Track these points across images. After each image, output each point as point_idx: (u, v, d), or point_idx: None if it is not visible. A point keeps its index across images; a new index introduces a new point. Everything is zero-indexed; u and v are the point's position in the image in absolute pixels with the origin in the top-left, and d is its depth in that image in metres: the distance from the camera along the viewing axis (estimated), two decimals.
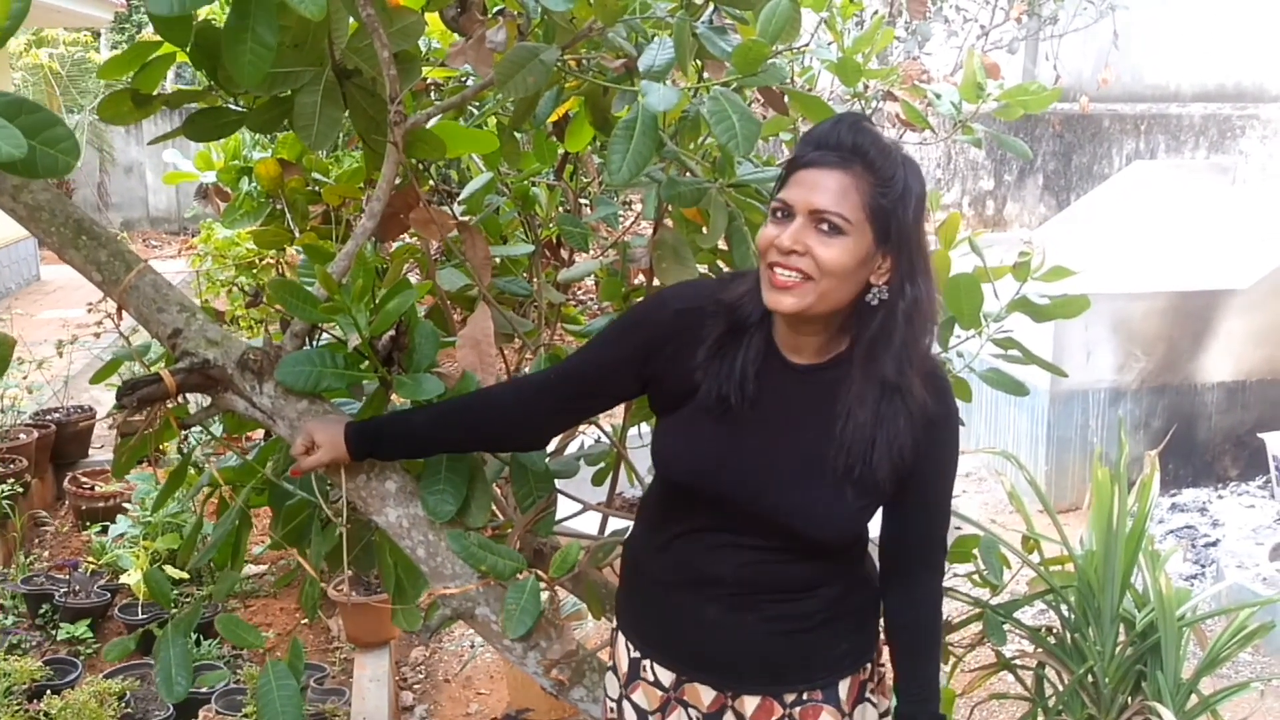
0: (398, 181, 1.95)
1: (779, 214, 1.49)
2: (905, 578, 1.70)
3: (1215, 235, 6.08)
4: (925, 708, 1.69)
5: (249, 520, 2.12)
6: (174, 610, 2.04)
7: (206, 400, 1.96)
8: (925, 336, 1.55)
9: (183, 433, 2.00)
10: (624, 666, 1.77)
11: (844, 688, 1.69)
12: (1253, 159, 6.87)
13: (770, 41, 1.74)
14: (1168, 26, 7.99)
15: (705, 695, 1.68)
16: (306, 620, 4.04)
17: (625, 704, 1.76)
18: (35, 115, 1.19)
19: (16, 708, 3.13)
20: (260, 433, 2.32)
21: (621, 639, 1.78)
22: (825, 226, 1.45)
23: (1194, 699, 2.47)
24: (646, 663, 1.72)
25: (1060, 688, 2.56)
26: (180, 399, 1.91)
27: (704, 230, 2.11)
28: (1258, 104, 7.06)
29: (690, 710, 1.70)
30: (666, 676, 1.71)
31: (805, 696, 1.66)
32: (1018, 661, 2.62)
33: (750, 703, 1.66)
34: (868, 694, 1.73)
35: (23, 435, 5.03)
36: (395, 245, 2.51)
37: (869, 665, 1.73)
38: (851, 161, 1.46)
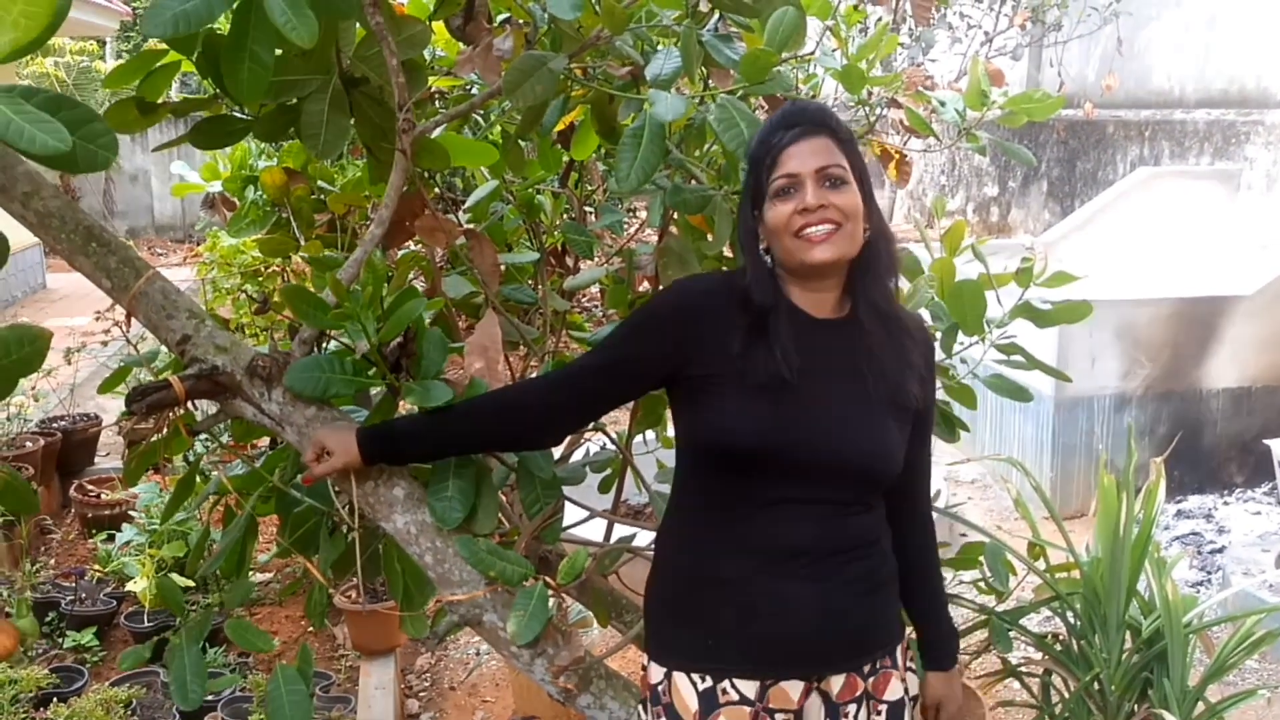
0: (404, 189, 1.95)
1: (784, 191, 1.64)
2: (908, 517, 1.82)
3: (1220, 241, 6.08)
4: (949, 627, 1.90)
5: (256, 528, 2.13)
6: (183, 618, 2.04)
7: (214, 407, 1.96)
8: (895, 265, 1.74)
9: (191, 440, 2.00)
10: (694, 706, 1.70)
11: (898, 653, 1.78)
12: (1258, 165, 6.87)
13: (777, 50, 1.75)
14: (1172, 32, 7.99)
15: (793, 691, 1.69)
16: (312, 628, 4.04)
17: None
18: (75, 111, 1.20)
19: (24, 715, 3.14)
20: (266, 441, 2.33)
21: (681, 681, 1.71)
22: (829, 182, 1.63)
23: (1201, 706, 2.47)
24: (724, 684, 1.69)
25: (1066, 695, 2.56)
26: (189, 406, 1.91)
27: (709, 237, 2.11)
28: (1262, 110, 7.06)
29: (778, 716, 1.69)
30: (750, 688, 1.68)
31: (879, 665, 1.74)
32: (1024, 669, 2.63)
33: (836, 682, 1.71)
34: (909, 661, 1.83)
35: (29, 443, 5.04)
36: (400, 253, 2.52)
37: (907, 633, 1.84)
38: (821, 129, 1.66)
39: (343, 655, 3.89)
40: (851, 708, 1.71)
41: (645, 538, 2.52)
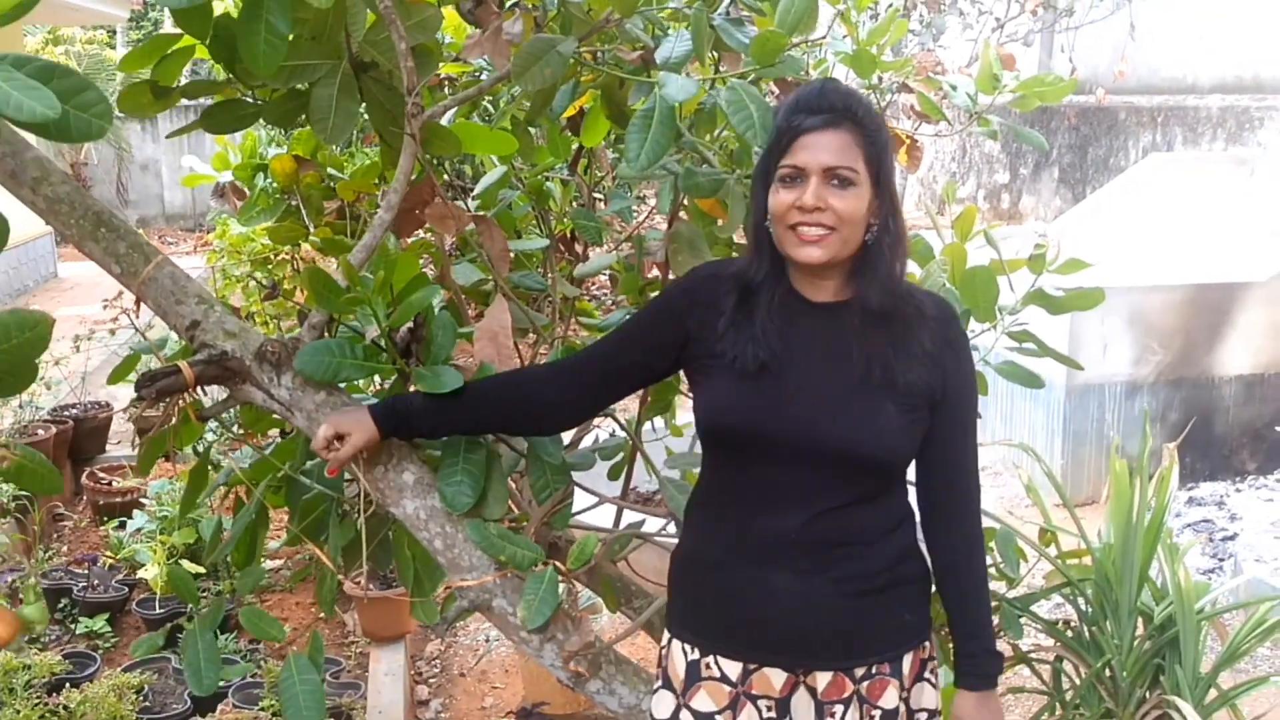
0: (413, 176, 1.95)
1: (789, 179, 1.60)
2: (944, 519, 1.75)
3: (1233, 228, 6.04)
4: (982, 645, 1.74)
5: (266, 516, 2.13)
6: (195, 606, 2.04)
7: (224, 393, 1.96)
8: (902, 264, 1.69)
9: (201, 426, 2.00)
10: (680, 674, 1.73)
11: (907, 662, 1.72)
12: (1271, 151, 6.82)
13: (789, 32, 1.74)
14: (1185, 18, 7.94)
15: (776, 679, 1.68)
16: (322, 615, 4.05)
17: (684, 713, 1.72)
18: (67, 79, 1.18)
19: (36, 701, 3.15)
20: (276, 432, 2.33)
21: (676, 648, 1.75)
22: (837, 181, 1.59)
23: (1213, 693, 2.46)
24: (710, 659, 1.70)
25: (1078, 681, 2.55)
26: (198, 392, 1.91)
27: (719, 223, 2.10)
28: (1276, 95, 7.02)
29: (760, 703, 1.68)
30: (733, 669, 1.69)
31: (874, 670, 1.69)
32: (1034, 655, 2.61)
33: (823, 679, 1.68)
34: (926, 673, 1.76)
35: (41, 431, 5.06)
36: (409, 241, 2.51)
37: (928, 645, 1.76)
38: (843, 120, 1.60)
39: (352, 642, 3.90)
40: (839, 708, 1.68)
41: (654, 524, 2.52)
